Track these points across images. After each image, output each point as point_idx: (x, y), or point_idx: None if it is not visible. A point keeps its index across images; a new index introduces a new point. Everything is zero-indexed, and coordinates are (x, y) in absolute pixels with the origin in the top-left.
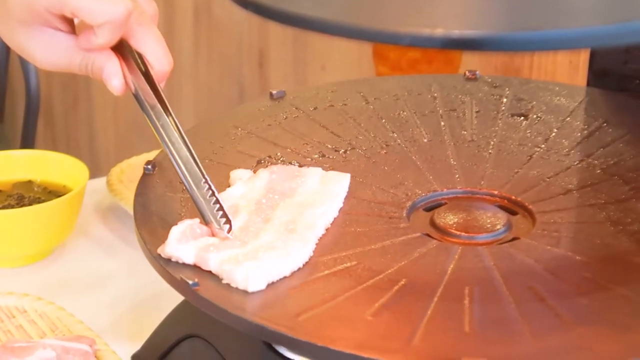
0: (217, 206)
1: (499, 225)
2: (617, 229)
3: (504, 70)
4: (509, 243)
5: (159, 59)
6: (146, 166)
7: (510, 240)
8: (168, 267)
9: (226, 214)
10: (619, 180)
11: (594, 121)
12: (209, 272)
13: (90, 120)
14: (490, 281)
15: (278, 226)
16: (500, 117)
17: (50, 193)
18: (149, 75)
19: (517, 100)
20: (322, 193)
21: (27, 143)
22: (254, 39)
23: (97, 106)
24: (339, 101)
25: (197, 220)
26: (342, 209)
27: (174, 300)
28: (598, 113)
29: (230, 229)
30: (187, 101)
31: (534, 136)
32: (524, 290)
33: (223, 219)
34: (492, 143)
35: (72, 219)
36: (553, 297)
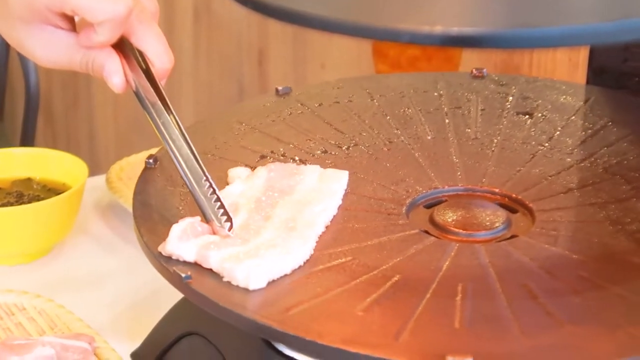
0: (218, 204)
1: (497, 223)
2: (616, 228)
3: (503, 68)
4: (506, 241)
5: (160, 57)
6: (148, 160)
7: (509, 238)
8: (167, 264)
9: (227, 211)
10: (620, 179)
11: (599, 120)
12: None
13: (90, 118)
14: (484, 278)
15: (278, 224)
16: (505, 115)
17: (50, 191)
18: (149, 73)
19: (523, 98)
20: (321, 191)
21: (27, 141)
22: (253, 37)
23: (97, 104)
24: (344, 98)
25: (198, 218)
26: (341, 205)
27: (173, 298)
28: (603, 112)
29: (231, 226)
30: (187, 99)
31: (538, 135)
32: (517, 288)
33: (224, 217)
34: (496, 141)
35: (72, 217)
36: (546, 296)
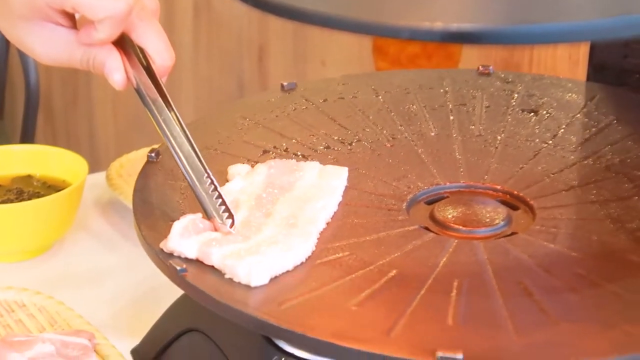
0: (220, 201)
1: (497, 220)
2: (617, 227)
3: (503, 65)
4: (505, 238)
5: (161, 53)
6: (150, 154)
7: (509, 235)
8: (167, 261)
9: (229, 208)
10: (623, 177)
11: (604, 118)
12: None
13: (90, 116)
14: (480, 275)
15: (279, 221)
16: (509, 113)
17: (50, 188)
18: (150, 70)
19: (528, 96)
20: (321, 187)
21: (27, 138)
22: (253, 33)
23: (97, 101)
24: (349, 94)
25: (200, 215)
26: (342, 201)
27: (174, 295)
28: (609, 110)
29: (232, 223)
30: (187, 96)
31: (542, 132)
32: (513, 285)
33: (225, 214)
34: (500, 138)
35: (72, 214)
36: (542, 293)
